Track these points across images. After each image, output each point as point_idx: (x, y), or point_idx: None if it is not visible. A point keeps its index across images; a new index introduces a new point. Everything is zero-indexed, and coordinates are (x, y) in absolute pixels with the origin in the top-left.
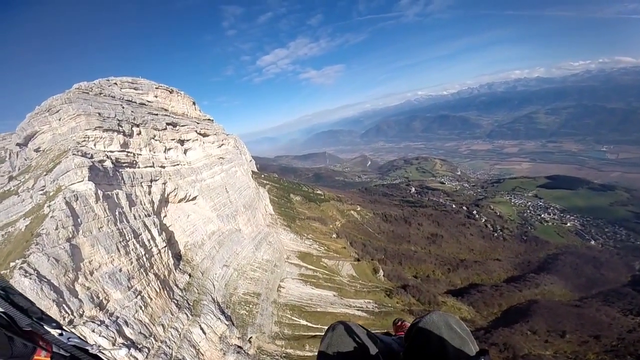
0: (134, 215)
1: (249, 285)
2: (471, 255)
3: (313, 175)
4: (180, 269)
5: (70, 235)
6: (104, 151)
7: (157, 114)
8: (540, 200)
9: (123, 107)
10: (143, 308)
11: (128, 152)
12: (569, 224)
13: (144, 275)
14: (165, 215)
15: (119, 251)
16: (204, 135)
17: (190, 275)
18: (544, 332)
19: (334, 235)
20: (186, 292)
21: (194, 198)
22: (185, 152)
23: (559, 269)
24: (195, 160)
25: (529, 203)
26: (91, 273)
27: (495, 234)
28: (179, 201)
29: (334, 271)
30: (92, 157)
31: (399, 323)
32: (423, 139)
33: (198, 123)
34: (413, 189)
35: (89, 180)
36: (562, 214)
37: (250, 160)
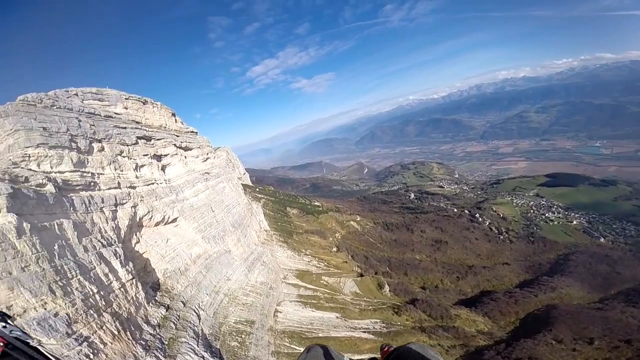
0: (85, 247)
1: (241, 312)
2: (479, 261)
3: (310, 186)
4: (156, 302)
5: None
6: (50, 172)
7: (125, 127)
8: (543, 199)
9: (79, 121)
10: (91, 356)
11: (84, 172)
12: (575, 222)
13: (95, 317)
14: (137, 242)
15: (53, 293)
16: (186, 149)
17: (168, 307)
18: (570, 341)
19: (334, 249)
20: (160, 328)
21: (174, 220)
22: (162, 168)
23: (572, 270)
24: (175, 177)
25: (532, 202)
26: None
27: (501, 237)
28: (156, 224)
29: (336, 289)
30: (26, 180)
31: (386, 349)
32: (418, 144)
33: (178, 136)
34: (412, 195)
35: (8, 211)
36: (566, 212)
37: (244, 173)
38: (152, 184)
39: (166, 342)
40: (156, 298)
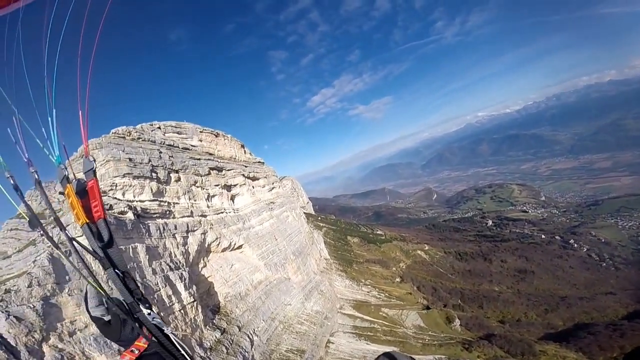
0: (154, 269)
1: (293, 340)
2: (574, 291)
3: (373, 214)
4: (213, 325)
5: (49, 294)
6: (133, 201)
7: (199, 159)
8: None
9: (160, 152)
10: None
11: (162, 201)
12: None
13: None
14: (204, 266)
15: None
16: (253, 179)
17: (223, 331)
18: None
19: (398, 279)
20: (212, 352)
21: (240, 247)
22: (232, 198)
23: None
24: (242, 207)
25: None
26: (71, 334)
27: (604, 264)
28: (223, 250)
29: (396, 322)
30: (110, 208)
31: None
32: (494, 163)
33: (246, 166)
34: (490, 222)
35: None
36: None
37: (308, 202)
38: (222, 212)
39: None
40: (214, 321)
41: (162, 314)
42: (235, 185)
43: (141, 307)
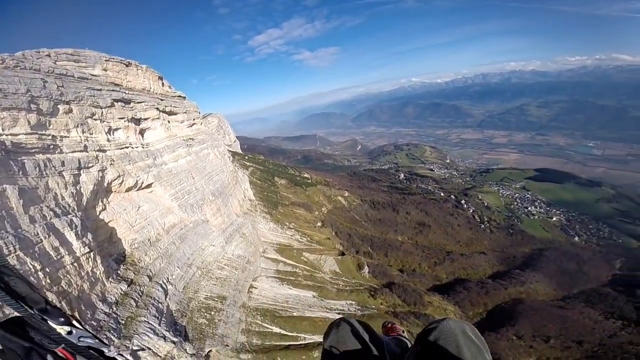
0: (32, 217)
1: (213, 286)
2: (458, 247)
3: (302, 158)
4: (118, 276)
5: None
6: (1, 135)
7: (100, 89)
8: (528, 193)
9: (45, 82)
10: None
11: (43, 134)
12: (554, 218)
13: None
14: (103, 209)
15: None
16: (170, 113)
17: (130, 282)
18: (529, 337)
19: (319, 224)
20: (118, 306)
21: (149, 185)
22: (141, 132)
23: (543, 266)
24: (154, 142)
25: (517, 195)
26: None
27: (482, 226)
28: (127, 190)
29: (316, 267)
30: None
31: (389, 325)
32: (414, 126)
33: (162, 100)
34: (402, 175)
35: None
36: (548, 208)
37: (235, 141)
38: (126, 147)
39: (122, 322)
40: (119, 272)
41: (47, 269)
42: (146, 119)
43: (50, 322)
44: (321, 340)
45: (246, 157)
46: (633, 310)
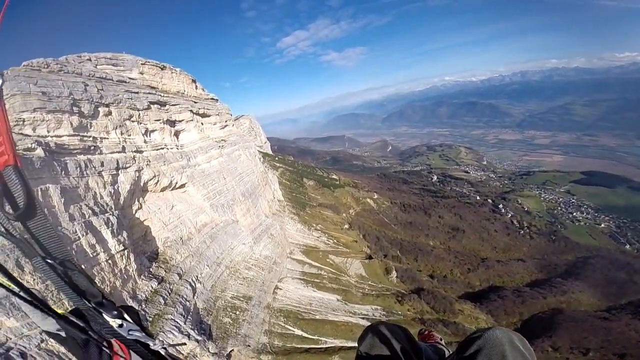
0: (71, 215)
1: (240, 286)
2: (494, 254)
3: (330, 159)
4: (150, 274)
5: None
6: (46, 136)
7: (137, 92)
8: (573, 197)
9: (86, 85)
10: None
11: (85, 136)
12: (603, 225)
13: None
14: (139, 208)
15: (20, 268)
16: (203, 115)
17: (161, 280)
18: (566, 349)
19: (346, 226)
20: (147, 304)
21: (183, 185)
22: (175, 134)
23: (588, 274)
24: (188, 143)
25: (560, 199)
26: None
27: (522, 232)
28: (162, 190)
29: (341, 270)
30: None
31: (426, 332)
32: (448, 126)
33: (196, 102)
34: (435, 177)
35: None
36: (596, 214)
37: (266, 142)
38: (162, 148)
39: (150, 319)
40: (151, 269)
41: (83, 266)
42: (180, 121)
43: (104, 315)
44: (342, 344)
45: (276, 158)
46: None
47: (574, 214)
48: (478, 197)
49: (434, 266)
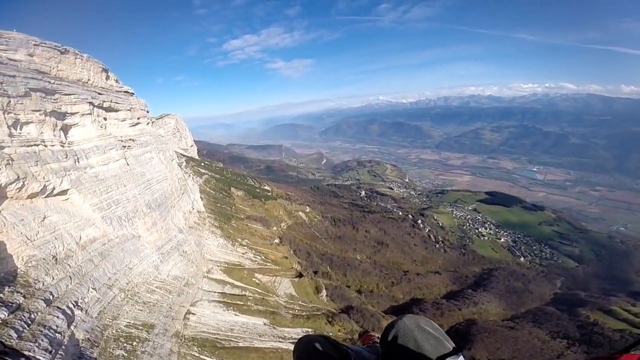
0: None
1: (139, 312)
2: (414, 266)
3: (265, 168)
4: None
5: None
6: None
7: (14, 76)
8: (479, 214)
9: None
10: None
11: None
12: (502, 240)
13: None
14: None
15: None
16: (109, 109)
17: (16, 308)
18: None
19: (277, 240)
20: None
21: (64, 192)
22: (63, 129)
23: (493, 286)
24: (81, 141)
25: (469, 216)
26: None
27: (437, 245)
28: (30, 197)
29: (269, 290)
30: None
31: (364, 335)
32: (378, 143)
33: (100, 94)
34: (363, 192)
35: None
36: (497, 229)
37: (192, 145)
38: (36, 145)
39: None
40: (0, 296)
41: None
42: (73, 114)
43: None
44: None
45: (202, 164)
46: (576, 329)
47: (479, 229)
48: (400, 213)
49: (362, 281)
